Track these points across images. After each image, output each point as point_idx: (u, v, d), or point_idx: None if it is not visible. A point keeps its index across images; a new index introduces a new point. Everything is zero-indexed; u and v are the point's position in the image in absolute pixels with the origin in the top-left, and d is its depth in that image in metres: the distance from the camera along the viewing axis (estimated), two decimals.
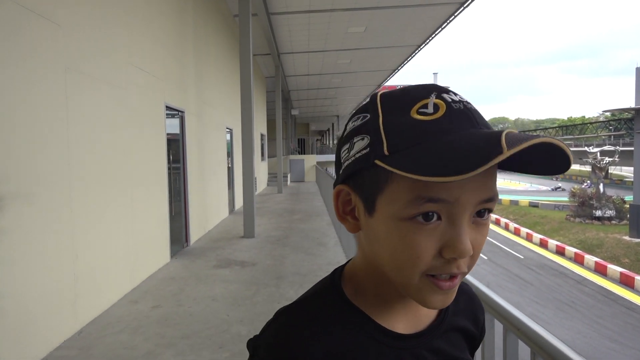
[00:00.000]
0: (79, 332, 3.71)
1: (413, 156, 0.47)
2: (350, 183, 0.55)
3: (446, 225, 0.49)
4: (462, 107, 0.50)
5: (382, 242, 0.52)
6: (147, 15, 5.56)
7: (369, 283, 0.58)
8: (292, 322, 0.56)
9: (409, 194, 0.48)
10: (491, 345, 1.44)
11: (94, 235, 4.10)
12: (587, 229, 25.23)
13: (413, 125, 0.49)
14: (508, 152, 0.41)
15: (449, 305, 0.61)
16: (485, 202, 0.50)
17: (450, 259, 0.49)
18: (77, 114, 3.78)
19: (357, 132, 0.54)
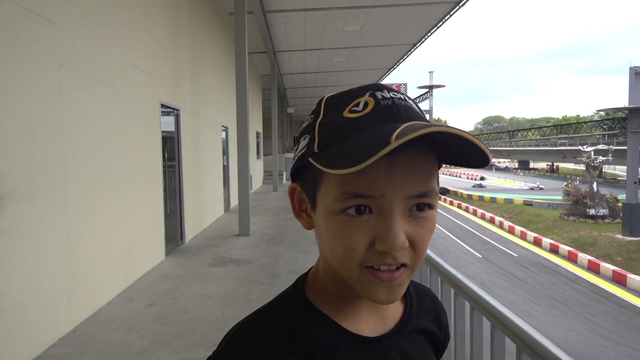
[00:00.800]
0: (73, 330, 3.71)
1: (332, 152, 0.49)
2: (298, 181, 0.58)
3: (377, 218, 0.50)
4: (390, 103, 0.52)
5: (323, 235, 0.54)
6: (143, 13, 5.55)
7: (330, 284, 0.58)
8: (255, 332, 0.56)
9: (337, 189, 0.50)
10: (479, 342, 1.47)
11: (89, 233, 4.10)
12: (580, 228, 25.40)
13: (342, 123, 0.51)
14: (395, 143, 0.43)
15: (413, 305, 0.64)
16: (418, 197, 0.51)
17: (384, 251, 0.50)
18: (72, 112, 3.78)
19: (304, 132, 0.57)
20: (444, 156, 0.53)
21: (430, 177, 0.52)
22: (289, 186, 0.60)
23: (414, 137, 0.44)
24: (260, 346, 0.54)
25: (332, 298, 0.58)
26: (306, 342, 0.55)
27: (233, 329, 0.58)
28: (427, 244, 0.53)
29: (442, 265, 1.84)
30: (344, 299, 0.58)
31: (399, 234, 0.49)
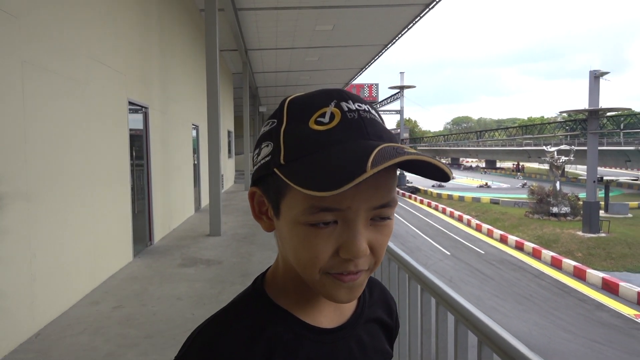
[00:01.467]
0: (36, 334, 3.59)
1: (301, 167, 0.50)
2: (260, 186, 0.58)
3: (342, 228, 0.52)
4: (357, 116, 0.53)
5: (288, 243, 0.55)
6: (109, 8, 5.41)
7: (289, 281, 0.60)
8: (217, 333, 0.56)
9: (305, 202, 0.51)
10: (444, 336, 1.52)
11: (53, 234, 3.97)
12: (544, 225, 26.31)
13: (308, 135, 0.52)
14: (371, 171, 0.44)
15: (365, 296, 0.66)
16: (381, 207, 0.53)
17: (347, 259, 0.52)
18: (35, 108, 3.66)
19: (265, 137, 0.56)
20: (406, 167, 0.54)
21: (392, 189, 0.54)
22: (249, 190, 0.60)
23: (387, 165, 0.46)
24: (222, 346, 0.54)
25: (291, 294, 0.60)
26: (268, 339, 0.56)
27: (195, 332, 0.58)
28: (384, 249, 0.56)
29: (409, 263, 1.89)
30: (304, 294, 0.59)
31: (362, 243, 0.51)
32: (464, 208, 34.08)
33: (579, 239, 23.20)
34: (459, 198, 38.39)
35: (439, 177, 0.53)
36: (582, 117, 27.73)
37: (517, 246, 23.33)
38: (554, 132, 43.40)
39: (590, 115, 26.00)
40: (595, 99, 25.62)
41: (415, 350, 1.84)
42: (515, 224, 27.66)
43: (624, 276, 18.73)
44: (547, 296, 16.58)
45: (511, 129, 55.17)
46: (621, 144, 40.34)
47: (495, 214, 30.75)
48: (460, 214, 31.57)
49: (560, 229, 25.14)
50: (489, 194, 39.06)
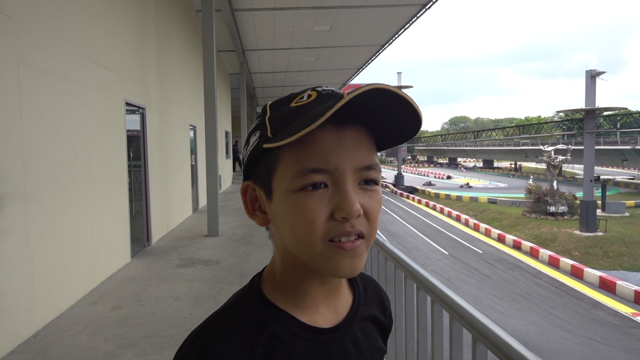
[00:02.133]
0: (34, 335, 3.60)
1: (287, 129, 0.54)
2: (252, 177, 0.61)
3: (333, 190, 0.55)
4: (331, 91, 0.57)
5: (282, 219, 0.57)
6: (106, 9, 5.42)
7: (287, 281, 0.61)
8: (215, 334, 0.57)
9: (294, 167, 0.54)
10: (440, 334, 1.53)
11: (51, 234, 3.98)
12: (542, 224, 26.39)
13: (290, 110, 0.57)
14: (347, 97, 0.49)
15: (360, 294, 0.68)
16: (365, 169, 0.57)
17: (343, 220, 0.54)
18: (32, 109, 3.66)
19: (252, 132, 0.61)
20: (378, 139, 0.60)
21: (372, 151, 0.59)
22: (242, 185, 0.63)
23: (362, 91, 0.50)
24: (221, 347, 0.55)
25: (289, 293, 0.61)
26: (266, 339, 0.57)
27: (193, 333, 0.58)
28: (378, 216, 0.58)
29: (405, 261, 1.90)
30: (301, 293, 0.61)
31: (355, 201, 0.54)
32: (461, 208, 34.15)
33: (577, 238, 23.28)
34: (457, 198, 38.47)
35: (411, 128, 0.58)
36: (579, 116, 27.82)
37: (514, 245, 23.40)
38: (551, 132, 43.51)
39: (587, 115, 26.09)
40: (592, 99, 25.71)
41: (412, 348, 1.86)
42: (513, 223, 27.73)
43: (621, 275, 18.81)
44: (545, 295, 16.63)
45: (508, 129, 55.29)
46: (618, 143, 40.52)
47: (493, 214, 30.83)
48: (458, 214, 31.64)
49: (558, 228, 25.22)
50: (487, 194, 39.14)
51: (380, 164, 0.62)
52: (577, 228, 24.44)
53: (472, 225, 28.60)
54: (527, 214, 28.62)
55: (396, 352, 2.02)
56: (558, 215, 27.63)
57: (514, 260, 21.18)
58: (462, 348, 1.36)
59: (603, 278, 17.37)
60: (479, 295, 16.22)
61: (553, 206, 27.88)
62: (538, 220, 27.40)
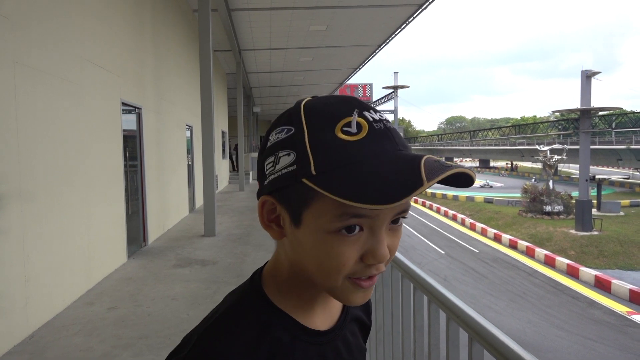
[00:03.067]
0: (30, 336, 3.58)
1: (340, 179, 0.49)
2: (276, 195, 0.56)
3: (367, 235, 0.53)
4: (383, 127, 0.53)
5: (309, 252, 0.55)
6: (102, 9, 5.40)
7: (293, 286, 0.61)
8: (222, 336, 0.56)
9: (335, 210, 0.51)
10: (436, 333, 1.54)
11: (47, 235, 3.96)
12: (537, 224, 26.51)
13: (339, 145, 0.51)
14: (428, 184, 0.46)
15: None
16: (400, 213, 0.55)
17: (371, 264, 0.54)
18: (28, 109, 3.65)
19: (282, 146, 0.54)
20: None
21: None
22: (260, 199, 0.58)
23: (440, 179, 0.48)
24: (226, 351, 0.54)
25: (292, 296, 0.61)
26: (270, 342, 0.57)
27: (195, 334, 0.57)
28: (397, 249, 0.58)
29: (402, 261, 1.91)
30: (303, 296, 0.61)
31: (386, 249, 0.54)
32: (458, 207, 34.25)
33: (572, 237, 23.40)
34: (453, 197, 38.56)
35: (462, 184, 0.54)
36: (575, 116, 27.95)
37: (510, 245, 23.49)
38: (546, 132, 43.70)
39: (583, 115, 26.22)
40: (587, 99, 25.85)
41: (409, 348, 1.87)
42: (509, 223, 27.83)
43: (616, 274, 18.93)
44: (541, 294, 16.70)
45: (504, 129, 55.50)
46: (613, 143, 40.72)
47: (489, 213, 30.93)
48: (454, 213, 31.73)
49: (554, 228, 25.33)
50: (483, 194, 39.25)
51: None
52: (573, 227, 24.56)
53: (468, 224, 28.69)
54: (523, 214, 28.73)
55: (393, 352, 2.02)
56: (554, 215, 27.76)
57: (510, 260, 21.26)
58: (458, 348, 1.37)
59: (598, 277, 17.46)
60: (476, 295, 16.27)
61: (549, 205, 28.01)
62: (534, 219, 27.52)
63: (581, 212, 24.06)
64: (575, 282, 17.90)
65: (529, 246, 22.30)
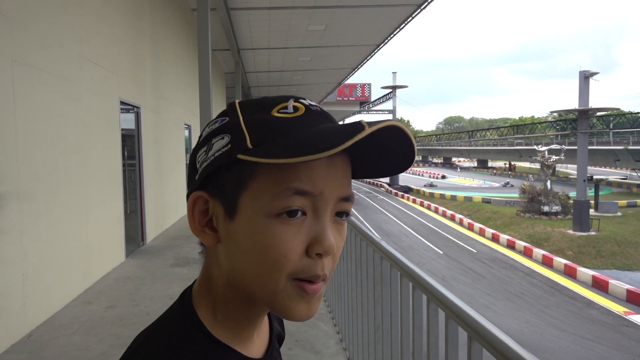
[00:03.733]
0: (28, 335, 3.58)
1: (279, 146, 0.46)
2: (208, 188, 0.52)
3: (311, 220, 0.49)
4: (319, 109, 0.52)
5: (246, 247, 0.49)
6: (101, 8, 5.39)
7: (231, 308, 0.54)
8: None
9: (275, 187, 0.47)
10: (435, 333, 1.54)
11: (45, 234, 3.95)
12: (535, 224, 26.57)
13: (276, 120, 0.49)
14: (369, 130, 0.44)
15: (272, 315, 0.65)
16: (343, 200, 0.51)
17: (316, 259, 0.49)
18: (26, 108, 3.64)
19: (216, 133, 0.52)
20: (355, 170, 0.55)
21: (350, 182, 0.53)
22: (191, 196, 0.53)
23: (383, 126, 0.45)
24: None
25: (230, 322, 0.54)
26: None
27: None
28: (339, 254, 0.53)
29: (401, 260, 1.91)
30: (242, 321, 0.55)
31: (331, 237, 0.49)
32: (456, 207, 34.29)
33: (570, 238, 23.45)
34: (451, 197, 38.61)
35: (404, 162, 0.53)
36: (573, 117, 28.01)
37: (508, 245, 23.53)
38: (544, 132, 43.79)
39: (581, 115, 26.28)
40: (585, 99, 25.91)
41: (407, 347, 1.87)
42: (506, 223, 27.88)
43: (614, 274, 18.99)
44: (539, 294, 16.74)
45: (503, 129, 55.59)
46: (610, 144, 40.83)
47: (487, 213, 30.98)
48: (452, 213, 31.76)
49: (551, 228, 25.39)
50: (481, 194, 39.30)
51: None
52: (571, 227, 24.62)
53: (466, 224, 28.72)
54: (521, 214, 28.79)
55: (392, 351, 2.03)
56: (552, 215, 27.82)
57: (508, 260, 21.30)
58: (457, 347, 1.38)
59: (596, 277, 17.51)
60: (473, 295, 16.29)
61: (547, 206, 28.07)
62: (532, 219, 27.57)
63: (579, 213, 24.12)
64: (572, 282, 17.95)
65: (526, 246, 22.35)
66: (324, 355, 3.19)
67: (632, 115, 32.90)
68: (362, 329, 2.58)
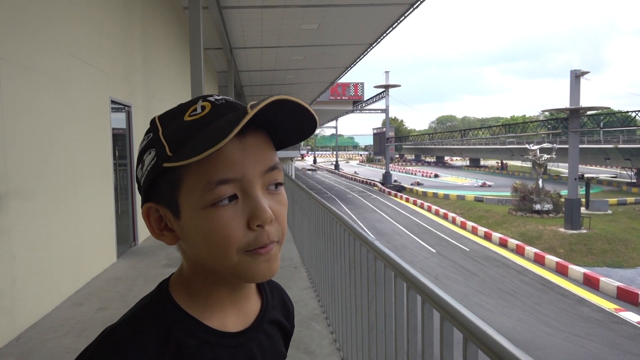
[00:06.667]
0: (17, 338, 3.52)
1: (189, 147, 0.53)
2: (153, 198, 0.59)
3: (243, 200, 0.55)
4: (224, 102, 0.58)
5: (195, 236, 0.56)
6: (91, 5, 5.32)
7: (196, 286, 0.61)
8: (124, 341, 0.55)
9: (201, 182, 0.54)
10: (430, 333, 1.53)
11: (34, 235, 3.89)
12: (527, 222, 26.74)
13: (187, 125, 0.56)
14: (252, 112, 0.51)
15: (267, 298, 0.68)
16: (270, 170, 0.58)
17: (259, 230, 0.55)
18: (13, 107, 3.57)
19: (144, 150, 0.59)
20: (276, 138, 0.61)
21: (273, 151, 0.60)
22: (142, 208, 0.60)
23: (267, 103, 0.52)
24: (128, 355, 0.54)
25: (199, 299, 0.60)
26: (174, 348, 0.56)
27: (98, 339, 0.56)
28: (285, 218, 0.60)
29: (395, 261, 1.90)
30: (211, 299, 0.61)
31: (267, 208, 0.55)
32: (449, 206, 34.42)
33: (561, 236, 23.64)
34: (444, 196, 38.76)
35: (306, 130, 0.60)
36: (564, 115, 28.22)
37: (501, 243, 23.66)
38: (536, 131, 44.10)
39: (572, 114, 26.47)
40: (576, 98, 26.10)
41: (402, 348, 1.86)
42: (499, 221, 28.04)
43: (604, 271, 19.17)
44: (531, 292, 16.85)
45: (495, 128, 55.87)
46: (601, 142, 41.22)
47: (480, 212, 31.13)
48: (445, 212, 31.88)
49: (543, 226, 25.57)
50: (473, 192, 39.50)
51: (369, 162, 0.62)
52: (562, 226, 24.81)
53: (459, 223, 28.84)
54: (513, 212, 28.96)
55: (386, 351, 2.01)
56: (543, 213, 28.02)
57: (500, 258, 21.42)
58: (452, 347, 1.36)
59: (587, 275, 17.66)
60: (466, 293, 16.36)
61: (538, 204, 28.26)
62: (524, 218, 27.75)
63: (570, 211, 24.32)
64: (564, 280, 18.09)
65: (518, 244, 22.48)
66: (317, 356, 3.17)
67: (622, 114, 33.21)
68: (356, 329, 2.56)
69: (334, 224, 3.25)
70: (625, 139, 39.36)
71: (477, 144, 65.12)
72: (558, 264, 19.31)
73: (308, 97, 29.09)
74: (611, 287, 16.38)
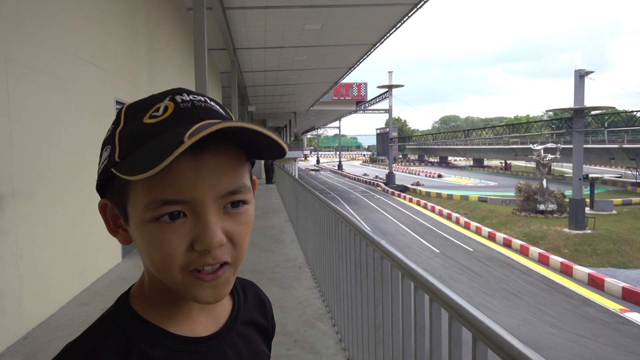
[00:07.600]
0: (24, 337, 3.54)
1: (133, 159, 0.49)
2: (107, 195, 0.56)
3: (192, 220, 0.50)
4: (190, 105, 0.52)
5: (141, 246, 0.53)
6: (96, 7, 5.34)
7: (157, 293, 0.57)
8: (82, 355, 0.53)
9: (146, 198, 0.49)
10: (438, 333, 1.53)
11: (40, 235, 3.91)
12: (531, 222, 26.64)
13: (142, 129, 0.51)
14: (188, 142, 0.44)
15: (240, 299, 0.65)
16: (229, 194, 0.51)
17: (203, 251, 0.50)
18: (21, 108, 3.59)
19: (105, 142, 0.55)
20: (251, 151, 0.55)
21: (239, 173, 0.53)
22: (99, 202, 0.57)
23: (205, 134, 0.45)
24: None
25: (160, 306, 0.57)
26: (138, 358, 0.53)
27: (62, 351, 0.54)
28: (246, 239, 0.54)
29: (402, 261, 1.90)
30: (174, 304, 0.57)
31: (216, 233, 0.50)
32: (452, 206, 34.34)
33: (566, 236, 23.53)
34: (448, 196, 38.67)
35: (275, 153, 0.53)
36: (568, 115, 28.11)
37: (505, 243, 23.58)
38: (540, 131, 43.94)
39: (576, 114, 26.35)
40: (581, 98, 25.99)
41: (409, 348, 1.85)
42: (503, 222, 27.94)
43: (609, 272, 19.06)
44: (535, 292, 16.78)
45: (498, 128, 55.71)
46: (605, 142, 41.04)
47: (484, 212, 31.03)
48: (449, 212, 31.80)
49: (547, 226, 25.46)
50: (477, 192, 39.39)
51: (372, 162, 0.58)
52: (567, 226, 24.69)
53: (462, 223, 28.76)
54: (517, 212, 28.85)
55: (393, 352, 2.01)
56: (547, 214, 27.90)
57: (504, 258, 21.35)
58: (461, 347, 1.36)
59: (592, 275, 17.57)
60: (470, 293, 16.32)
61: (543, 204, 28.15)
62: (528, 218, 27.64)
63: (575, 211, 24.20)
64: (569, 280, 18.01)
65: (523, 245, 22.40)
66: (323, 356, 3.17)
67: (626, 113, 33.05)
68: (362, 329, 2.56)
69: (339, 223, 3.25)
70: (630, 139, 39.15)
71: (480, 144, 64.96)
72: (562, 265, 19.23)
73: (311, 97, 29.12)
74: (616, 287, 16.29)
